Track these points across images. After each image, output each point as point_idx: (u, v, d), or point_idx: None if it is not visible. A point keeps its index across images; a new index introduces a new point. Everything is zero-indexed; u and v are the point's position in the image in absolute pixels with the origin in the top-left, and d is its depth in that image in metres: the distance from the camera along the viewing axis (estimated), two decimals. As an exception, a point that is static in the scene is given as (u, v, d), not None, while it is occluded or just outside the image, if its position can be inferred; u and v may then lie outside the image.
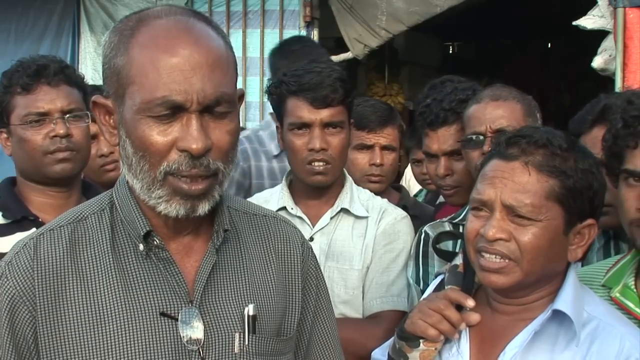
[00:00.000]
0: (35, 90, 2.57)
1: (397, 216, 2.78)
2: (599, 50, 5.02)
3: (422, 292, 2.51)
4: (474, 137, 2.61)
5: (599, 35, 5.05)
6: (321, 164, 2.67)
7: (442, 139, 2.91)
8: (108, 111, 1.61)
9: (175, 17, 1.57)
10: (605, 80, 5.13)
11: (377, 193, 3.03)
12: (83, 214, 1.67)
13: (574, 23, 5.11)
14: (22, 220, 2.55)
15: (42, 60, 2.64)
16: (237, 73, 1.64)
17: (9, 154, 2.69)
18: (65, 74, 2.63)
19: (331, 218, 2.76)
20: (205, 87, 1.51)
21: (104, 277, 1.59)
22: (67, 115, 2.60)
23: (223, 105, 1.55)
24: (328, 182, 2.73)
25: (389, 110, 3.42)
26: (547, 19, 8.67)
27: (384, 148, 3.31)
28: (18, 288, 1.57)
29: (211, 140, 1.53)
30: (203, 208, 1.58)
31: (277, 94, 2.75)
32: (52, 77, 2.59)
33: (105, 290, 1.58)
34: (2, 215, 2.56)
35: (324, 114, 2.66)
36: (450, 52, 11.01)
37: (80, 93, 2.68)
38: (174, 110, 1.51)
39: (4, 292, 1.57)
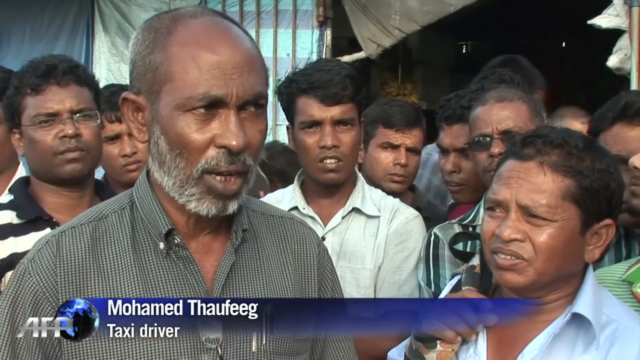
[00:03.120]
0: (44, 90, 2.57)
1: (409, 215, 2.77)
2: (614, 49, 4.99)
3: (434, 294, 2.50)
4: (480, 138, 2.60)
5: (614, 34, 5.02)
6: (333, 161, 2.67)
7: (456, 135, 2.92)
8: (138, 108, 1.62)
9: (211, 17, 1.60)
10: (620, 79, 5.10)
11: (396, 194, 3.02)
12: (104, 212, 1.69)
13: (589, 22, 5.09)
14: (36, 220, 2.55)
15: (52, 60, 2.64)
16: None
17: (21, 155, 2.70)
18: (74, 73, 2.62)
19: (343, 217, 2.75)
20: (245, 83, 1.54)
21: (124, 274, 1.61)
22: (77, 115, 2.59)
23: (260, 102, 1.58)
24: (340, 180, 2.73)
25: (417, 112, 3.42)
26: (561, 18, 8.64)
27: (409, 149, 3.31)
28: (41, 284, 1.58)
29: (248, 137, 1.55)
30: (233, 207, 1.60)
31: (287, 94, 2.75)
32: (61, 77, 2.58)
33: (126, 288, 1.60)
34: (17, 215, 2.56)
35: (335, 111, 2.66)
36: (464, 51, 10.99)
37: (91, 92, 2.68)
38: (214, 106, 1.53)
39: (28, 288, 1.59)
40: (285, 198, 2.85)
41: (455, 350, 1.95)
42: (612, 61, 4.99)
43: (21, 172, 3.29)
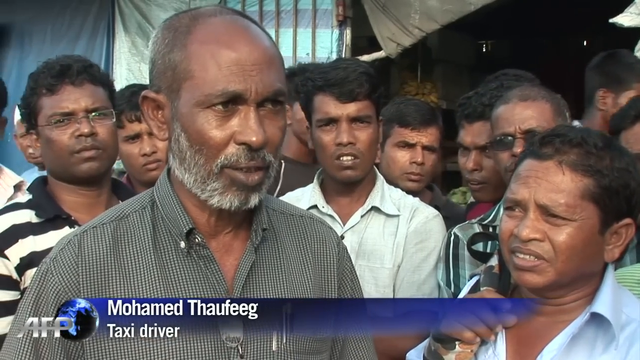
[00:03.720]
0: (59, 90, 2.59)
1: (428, 215, 2.76)
2: (636, 48, 4.95)
3: (453, 294, 2.49)
4: (502, 138, 2.57)
5: (636, 32, 4.98)
6: (349, 158, 2.67)
7: (477, 133, 2.90)
8: (158, 106, 1.63)
9: (230, 16, 1.62)
10: (642, 78, 5.06)
11: (413, 193, 3.02)
12: (124, 212, 1.70)
13: (610, 21, 5.05)
14: (55, 219, 2.57)
15: (66, 60, 2.65)
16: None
17: (39, 155, 2.72)
18: (88, 72, 2.64)
19: (362, 216, 2.75)
20: (264, 80, 1.55)
21: (145, 274, 1.62)
22: (92, 114, 2.60)
23: (278, 99, 1.59)
24: (358, 177, 2.72)
25: (432, 111, 3.41)
26: (583, 17, 8.59)
27: (425, 148, 3.30)
28: (63, 283, 1.59)
29: (267, 134, 1.56)
30: (254, 200, 1.60)
31: (305, 92, 2.76)
32: (75, 77, 2.60)
33: (147, 287, 1.61)
34: (36, 214, 2.57)
35: (351, 108, 2.66)
36: (484, 50, 10.94)
37: (106, 91, 2.69)
38: (233, 103, 1.54)
39: (50, 287, 1.60)
40: (305, 197, 2.85)
41: (474, 351, 1.95)
42: (634, 60, 4.95)
43: (6, 174, 3.31)
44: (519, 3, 6.60)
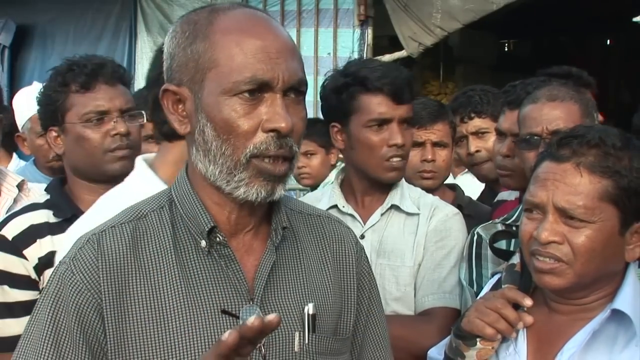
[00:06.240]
0: (94, 88, 2.60)
1: (448, 213, 2.76)
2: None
3: (476, 294, 2.48)
4: (529, 137, 2.56)
5: (660, 30, 4.95)
6: (399, 159, 2.68)
7: (515, 120, 2.88)
8: (179, 99, 1.62)
9: (247, 9, 1.64)
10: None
11: (430, 190, 3.02)
12: (142, 211, 1.68)
13: (634, 19, 5.02)
14: (72, 218, 2.53)
15: (97, 59, 2.67)
16: None
17: (59, 152, 2.71)
18: (119, 73, 2.66)
19: (382, 215, 2.74)
20: (289, 68, 1.56)
21: (166, 273, 1.60)
22: (125, 114, 2.62)
23: (302, 88, 1.60)
24: (400, 178, 2.75)
25: (438, 107, 3.41)
26: (606, 16, 8.54)
27: (435, 144, 3.31)
28: (84, 281, 1.57)
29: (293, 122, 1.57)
30: (279, 191, 1.60)
31: (347, 91, 2.71)
32: (109, 77, 2.62)
33: (168, 287, 1.59)
34: (53, 214, 2.59)
35: (402, 110, 2.68)
36: (506, 49, 10.90)
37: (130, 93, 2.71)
38: (259, 90, 1.54)
39: (71, 285, 1.58)
40: (325, 197, 2.85)
41: (495, 348, 1.95)
42: (658, 58, 4.92)
43: (8, 175, 3.29)
44: (542, 2, 6.58)
